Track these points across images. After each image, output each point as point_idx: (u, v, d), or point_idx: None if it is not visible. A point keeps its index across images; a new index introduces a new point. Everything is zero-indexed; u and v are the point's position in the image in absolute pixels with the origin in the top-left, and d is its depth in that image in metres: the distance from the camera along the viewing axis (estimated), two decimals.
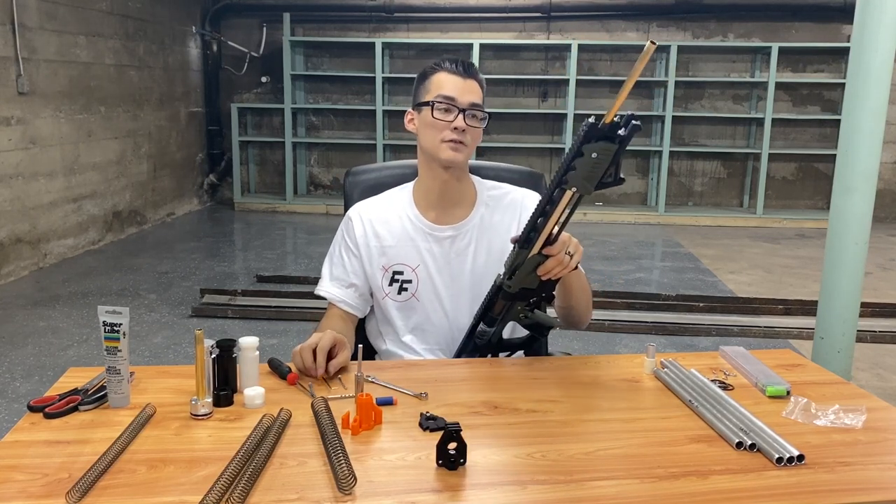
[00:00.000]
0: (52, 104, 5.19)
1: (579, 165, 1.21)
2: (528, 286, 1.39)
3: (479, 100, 1.53)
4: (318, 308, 4.12)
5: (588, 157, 1.19)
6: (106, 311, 1.18)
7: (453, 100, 1.51)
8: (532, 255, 1.34)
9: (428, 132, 1.54)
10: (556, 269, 1.35)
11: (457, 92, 1.51)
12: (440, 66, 1.55)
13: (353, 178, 1.77)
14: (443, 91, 1.51)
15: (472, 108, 1.51)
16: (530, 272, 1.36)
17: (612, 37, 7.53)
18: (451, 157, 1.52)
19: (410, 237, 1.61)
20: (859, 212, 2.81)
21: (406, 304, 1.61)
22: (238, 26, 7.80)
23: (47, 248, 5.21)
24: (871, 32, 2.67)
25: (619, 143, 1.18)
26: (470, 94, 1.52)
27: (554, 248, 1.33)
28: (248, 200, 7.78)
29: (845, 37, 7.23)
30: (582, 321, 1.60)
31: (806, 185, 7.83)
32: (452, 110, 1.51)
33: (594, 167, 1.20)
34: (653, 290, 4.79)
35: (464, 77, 1.53)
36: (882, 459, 1.10)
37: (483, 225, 1.61)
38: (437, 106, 1.51)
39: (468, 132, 1.51)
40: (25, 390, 3.12)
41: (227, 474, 0.97)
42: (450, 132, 1.51)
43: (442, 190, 1.59)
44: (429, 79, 1.56)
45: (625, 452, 1.09)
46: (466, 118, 1.51)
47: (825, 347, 2.93)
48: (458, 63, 1.54)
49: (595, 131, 1.18)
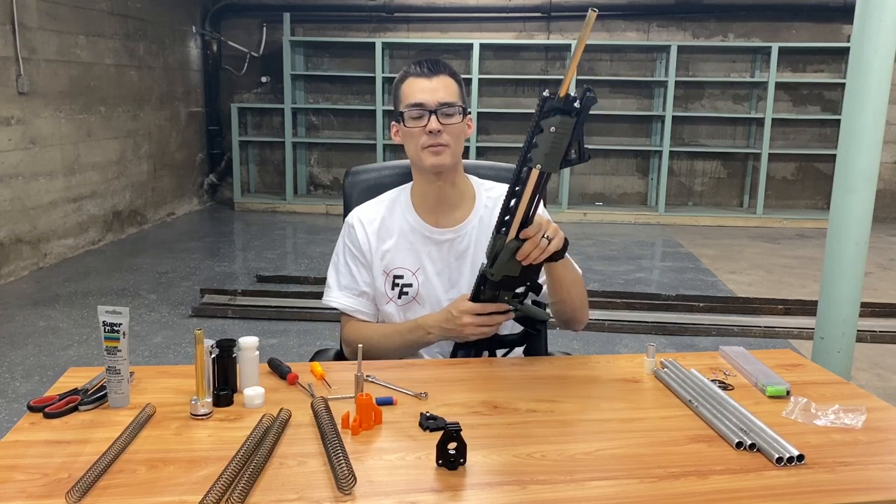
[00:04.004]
0: (52, 104, 5.19)
1: (540, 142, 1.21)
2: (510, 273, 1.37)
3: (452, 95, 1.51)
4: (318, 308, 4.15)
5: (547, 132, 1.19)
6: (106, 311, 1.18)
7: (421, 105, 1.49)
8: (510, 241, 1.32)
9: (408, 142, 1.54)
10: (535, 253, 1.33)
11: (424, 95, 1.50)
12: (408, 73, 1.54)
13: (352, 177, 1.77)
14: (410, 99, 1.51)
15: (442, 107, 1.49)
16: (509, 258, 1.34)
17: (612, 37, 7.53)
18: (434, 162, 1.51)
19: (409, 241, 1.60)
20: (859, 212, 2.81)
21: (407, 307, 1.60)
22: (238, 26, 7.80)
23: (47, 248, 5.21)
24: (871, 32, 2.68)
25: (575, 115, 1.18)
26: (437, 93, 1.50)
27: (529, 230, 1.32)
28: (248, 200, 7.78)
29: (845, 37, 7.23)
30: (577, 319, 1.57)
31: (806, 185, 7.82)
32: (423, 114, 1.49)
33: (555, 142, 1.20)
34: (653, 290, 4.79)
35: (429, 77, 1.51)
36: (882, 459, 1.10)
37: (482, 226, 1.60)
38: (409, 115, 1.50)
39: (444, 131, 1.49)
40: (25, 390, 3.12)
41: (226, 474, 0.97)
42: (426, 137, 1.49)
43: (438, 195, 1.58)
44: (400, 88, 1.55)
45: (625, 452, 1.09)
46: (439, 117, 1.49)
47: (825, 347, 2.93)
48: (423, 64, 1.53)
49: (551, 105, 1.18)
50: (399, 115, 1.54)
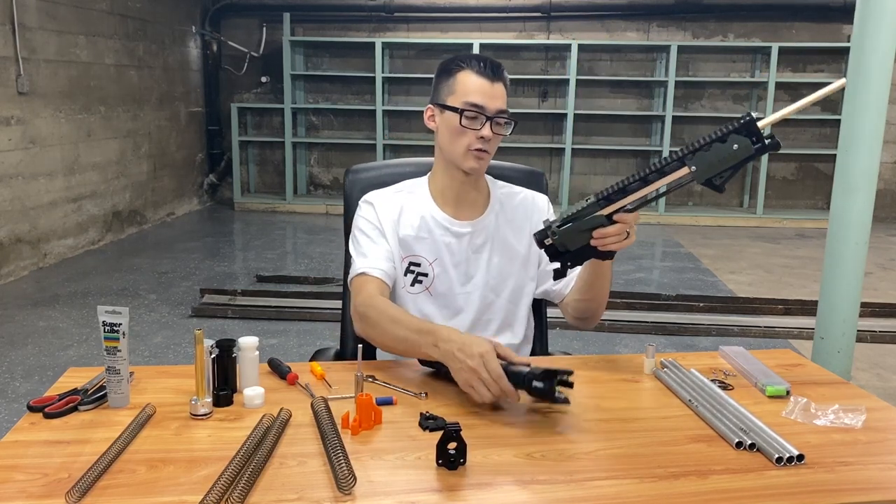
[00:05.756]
0: (52, 104, 5.19)
1: (714, 149, 1.19)
2: (569, 244, 1.31)
3: (505, 104, 1.48)
4: (317, 308, 4.15)
5: (729, 146, 1.18)
6: (106, 311, 1.18)
7: (482, 108, 1.45)
8: (600, 214, 1.28)
9: (452, 138, 1.49)
10: (612, 240, 1.29)
11: (485, 99, 1.45)
12: (467, 65, 1.48)
13: (353, 176, 1.76)
14: (470, 98, 1.45)
15: (500, 115, 1.47)
16: (586, 230, 1.29)
17: (612, 37, 7.53)
18: (475, 166, 1.50)
19: (429, 229, 1.57)
20: (859, 212, 2.80)
21: (418, 297, 1.58)
22: (238, 26, 7.80)
23: (47, 248, 5.21)
24: (871, 32, 2.67)
25: (756, 148, 1.18)
26: (497, 100, 1.46)
27: (627, 216, 1.27)
28: (248, 200, 7.78)
29: (845, 37, 7.23)
30: (596, 317, 1.56)
31: (806, 185, 7.83)
32: (480, 118, 1.46)
33: (724, 158, 1.19)
34: (653, 290, 4.79)
35: (492, 81, 1.46)
36: (882, 459, 1.10)
37: (498, 224, 1.59)
38: (467, 114, 1.45)
39: (493, 140, 1.48)
40: (25, 390, 3.12)
41: (226, 474, 0.97)
42: (476, 141, 1.47)
43: (459, 190, 1.58)
44: (454, 77, 1.49)
45: (625, 452, 1.09)
46: (493, 126, 1.46)
47: (825, 347, 2.93)
48: (487, 64, 1.47)
49: (751, 127, 1.18)
50: (446, 106, 1.48)
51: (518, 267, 1.60)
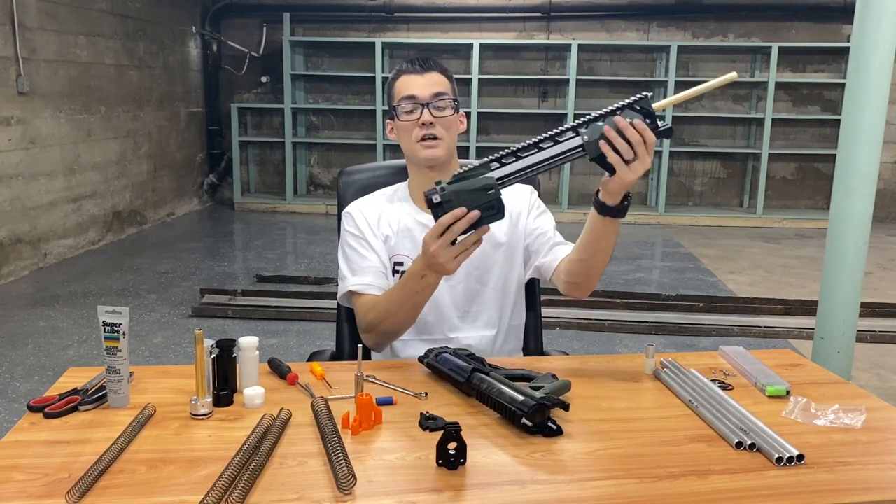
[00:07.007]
0: (52, 104, 5.19)
1: (609, 123, 1.22)
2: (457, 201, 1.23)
3: (444, 88, 1.53)
4: (317, 308, 4.15)
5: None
6: (106, 311, 1.18)
7: (414, 97, 1.51)
8: (490, 175, 1.24)
9: (403, 137, 1.56)
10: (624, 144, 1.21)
11: (416, 89, 1.52)
12: (400, 71, 1.56)
13: (346, 177, 1.77)
14: (404, 92, 1.53)
15: (435, 99, 1.51)
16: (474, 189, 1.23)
17: (612, 37, 7.53)
18: (429, 155, 1.52)
19: (408, 229, 1.60)
20: (859, 212, 2.81)
21: None
22: (238, 26, 7.80)
23: (47, 248, 5.21)
24: (871, 32, 2.68)
25: (651, 128, 1.21)
26: (430, 87, 1.52)
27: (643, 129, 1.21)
28: (248, 200, 7.78)
29: (845, 37, 7.23)
30: (589, 286, 1.51)
31: (806, 185, 7.82)
32: (416, 108, 1.51)
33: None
34: (653, 290, 4.79)
35: (421, 73, 1.53)
36: (882, 459, 1.10)
37: None
38: (402, 108, 1.53)
39: (437, 123, 1.51)
40: (25, 390, 3.12)
41: (227, 474, 0.97)
42: (419, 130, 1.51)
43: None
44: (393, 86, 1.57)
45: (625, 452, 1.09)
46: (431, 110, 1.51)
47: (825, 347, 2.93)
48: (415, 61, 1.55)
49: (647, 106, 1.21)
50: (392, 110, 1.56)
51: (502, 255, 1.61)
